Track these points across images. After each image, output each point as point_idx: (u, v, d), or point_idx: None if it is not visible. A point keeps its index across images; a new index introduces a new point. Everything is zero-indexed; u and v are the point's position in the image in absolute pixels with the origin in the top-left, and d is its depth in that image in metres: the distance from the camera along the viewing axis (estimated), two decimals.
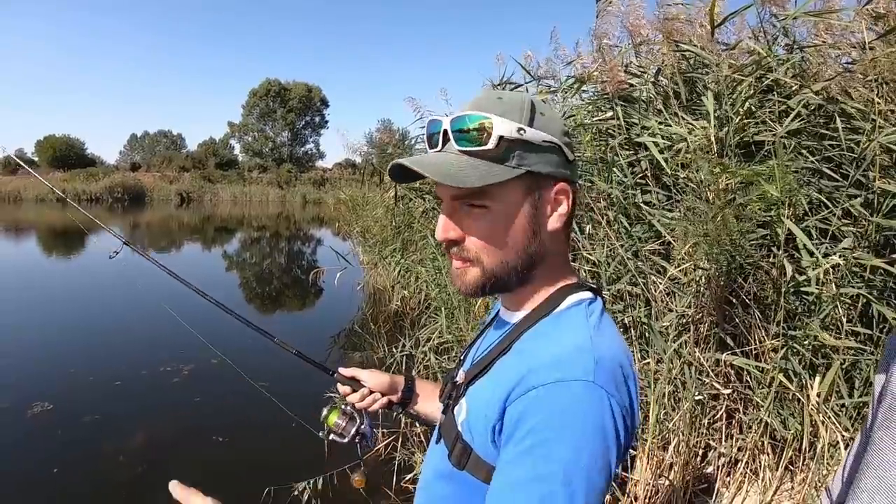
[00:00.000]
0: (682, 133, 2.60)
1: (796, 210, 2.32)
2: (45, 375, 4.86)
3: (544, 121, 0.74)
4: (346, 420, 1.17)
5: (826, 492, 0.95)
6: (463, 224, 0.75)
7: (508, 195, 0.73)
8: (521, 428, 0.64)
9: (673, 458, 2.49)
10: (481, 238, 0.74)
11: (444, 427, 0.83)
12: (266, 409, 4.28)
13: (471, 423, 0.76)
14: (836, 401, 2.27)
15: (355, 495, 2.98)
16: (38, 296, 8.00)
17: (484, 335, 0.94)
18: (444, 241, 0.76)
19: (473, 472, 0.74)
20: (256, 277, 10.97)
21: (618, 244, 2.75)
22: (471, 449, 0.75)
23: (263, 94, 52.10)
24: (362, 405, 1.16)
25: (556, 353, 0.69)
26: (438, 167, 0.71)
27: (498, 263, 0.74)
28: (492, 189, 0.71)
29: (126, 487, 3.20)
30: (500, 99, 0.74)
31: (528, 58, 3.83)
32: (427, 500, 0.85)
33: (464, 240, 0.75)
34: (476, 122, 0.71)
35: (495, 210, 0.73)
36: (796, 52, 2.77)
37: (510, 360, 0.76)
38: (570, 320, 0.76)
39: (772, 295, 2.39)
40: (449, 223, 0.75)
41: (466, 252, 0.75)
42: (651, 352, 2.56)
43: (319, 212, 26.58)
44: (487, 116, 0.71)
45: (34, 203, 30.93)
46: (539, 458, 0.62)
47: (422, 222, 5.85)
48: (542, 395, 0.64)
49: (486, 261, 0.74)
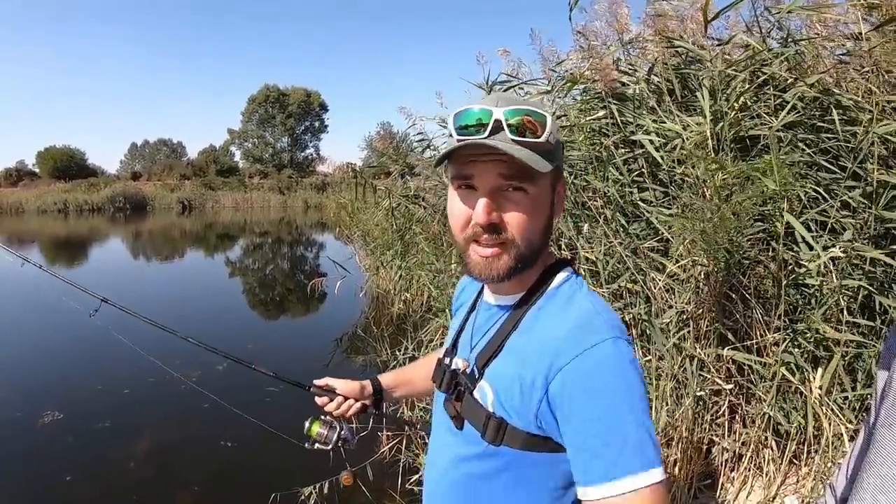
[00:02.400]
0: (677, 129, 2.60)
1: (794, 204, 2.32)
2: (54, 385, 4.89)
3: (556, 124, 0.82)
4: (328, 429, 1.26)
5: (829, 489, 0.95)
6: (503, 208, 0.79)
7: (543, 184, 0.81)
8: (578, 394, 0.73)
9: (676, 454, 2.48)
10: (521, 220, 0.79)
11: (467, 412, 0.87)
12: (273, 415, 4.31)
13: (503, 400, 0.81)
14: (838, 393, 2.27)
15: (361, 498, 2.99)
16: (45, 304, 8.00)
17: (471, 322, 0.98)
18: (485, 225, 0.78)
19: (510, 444, 0.80)
20: (259, 283, 10.98)
21: (616, 241, 2.75)
22: (506, 424, 0.80)
23: (262, 101, 52.20)
24: (339, 412, 1.25)
25: (576, 323, 0.78)
26: (518, 151, 0.75)
27: (528, 246, 0.80)
28: (537, 175, 0.78)
29: (136, 492, 3.22)
30: (524, 100, 0.81)
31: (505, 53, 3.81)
32: (454, 485, 0.90)
33: (502, 222, 0.79)
34: (535, 118, 0.77)
35: (533, 195, 0.79)
36: (791, 44, 2.77)
37: (524, 337, 0.84)
38: (565, 294, 0.85)
39: (772, 289, 2.39)
40: (491, 205, 0.78)
41: (503, 235, 0.79)
42: (652, 349, 2.56)
43: (321, 216, 26.59)
44: (542, 114, 0.78)
45: (37, 214, 31.01)
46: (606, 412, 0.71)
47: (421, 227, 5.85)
48: (587, 361, 0.73)
49: (521, 244, 0.80)
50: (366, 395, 1.26)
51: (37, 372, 5.24)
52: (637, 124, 2.83)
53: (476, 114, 0.78)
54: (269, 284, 10.83)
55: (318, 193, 38.03)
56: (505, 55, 3.75)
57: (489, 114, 0.77)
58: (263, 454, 3.67)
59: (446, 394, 0.93)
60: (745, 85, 2.63)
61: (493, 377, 0.84)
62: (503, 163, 0.76)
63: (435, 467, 0.97)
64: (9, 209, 32.25)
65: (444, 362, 0.99)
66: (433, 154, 5.75)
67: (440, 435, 0.97)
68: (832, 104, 2.47)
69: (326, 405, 1.26)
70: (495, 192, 0.78)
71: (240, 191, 40.37)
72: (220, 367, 5.06)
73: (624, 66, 3.27)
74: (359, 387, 1.26)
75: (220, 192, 39.85)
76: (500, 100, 0.79)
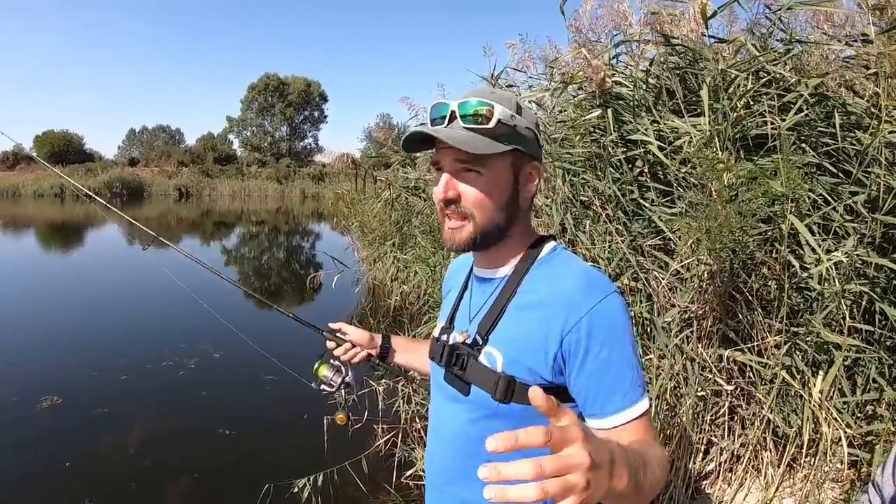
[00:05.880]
0: (685, 128, 2.58)
1: (800, 206, 2.30)
2: (52, 370, 4.88)
3: (526, 113, 0.95)
4: (334, 372, 1.35)
5: (875, 487, 0.91)
6: (460, 186, 0.92)
7: (498, 165, 0.92)
8: (595, 342, 0.86)
9: (675, 453, 2.48)
10: (476, 197, 0.91)
11: (473, 377, 0.95)
12: (270, 403, 4.32)
13: (514, 358, 0.91)
14: (838, 398, 2.26)
15: (355, 491, 2.99)
16: (43, 292, 8.02)
17: (466, 298, 1.08)
18: (444, 200, 0.92)
19: (519, 400, 0.89)
20: (255, 273, 10.96)
21: (618, 238, 2.74)
22: (516, 381, 0.89)
23: (262, 89, 51.76)
24: (346, 358, 1.34)
25: (582, 280, 0.91)
26: (452, 136, 0.88)
27: (488, 219, 0.92)
28: (488, 158, 0.89)
29: (135, 478, 3.23)
30: (493, 92, 0.94)
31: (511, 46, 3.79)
32: (461, 449, 0.98)
33: (460, 198, 0.92)
34: (483, 107, 0.89)
35: (487, 175, 0.91)
36: (794, 45, 2.74)
37: (528, 298, 0.94)
38: (561, 258, 0.98)
39: (775, 291, 2.38)
40: (450, 183, 0.92)
41: (462, 209, 0.92)
42: (654, 347, 2.55)
43: (318, 206, 26.52)
44: (490, 103, 0.89)
45: (33, 198, 30.86)
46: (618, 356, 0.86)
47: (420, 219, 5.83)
48: (597, 314, 0.86)
49: (478, 216, 0.92)
50: (374, 345, 1.35)
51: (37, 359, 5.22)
52: (634, 125, 2.80)
53: (440, 108, 0.93)
54: (265, 274, 10.81)
55: (316, 183, 37.95)
56: (512, 48, 3.72)
57: (447, 107, 0.92)
58: (259, 444, 3.69)
59: (446, 367, 1.01)
60: (748, 83, 2.60)
61: (500, 341, 0.94)
62: (454, 150, 0.89)
63: (440, 440, 1.05)
64: (5, 193, 32.09)
65: (442, 339, 1.06)
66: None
67: (442, 407, 1.04)
68: (836, 108, 2.45)
69: (335, 349, 1.35)
70: (454, 174, 0.92)
71: (237, 179, 40.19)
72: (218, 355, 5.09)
73: (620, 65, 3.24)
74: (368, 336, 1.34)
75: (218, 179, 39.66)
76: (469, 94, 0.92)
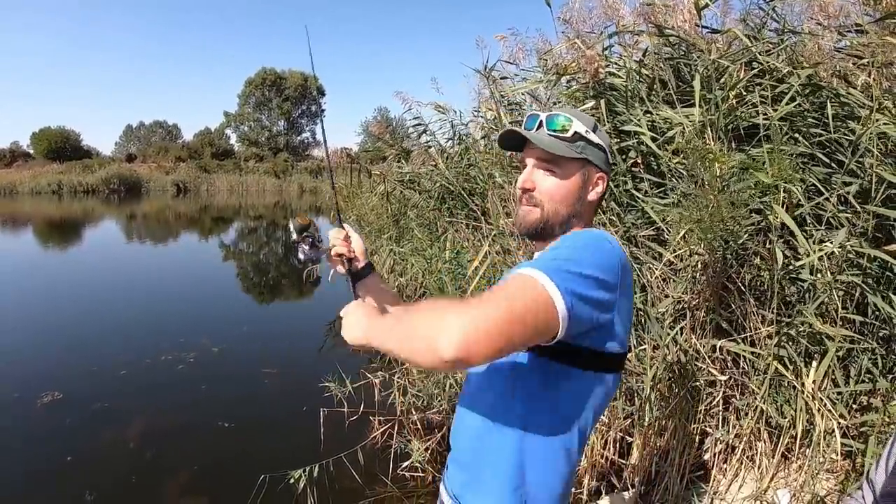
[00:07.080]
0: (677, 118, 2.57)
1: (791, 196, 2.29)
2: (52, 366, 4.89)
3: (601, 133, 1.16)
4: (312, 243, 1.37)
5: (868, 483, 0.92)
6: (537, 180, 1.13)
7: (570, 168, 1.12)
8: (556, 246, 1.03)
9: (670, 444, 2.49)
10: (547, 189, 1.12)
11: None
12: (268, 396, 4.34)
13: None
14: (832, 389, 2.26)
15: (352, 483, 2.99)
16: (42, 288, 8.03)
17: None
18: (522, 188, 1.14)
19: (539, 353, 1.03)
20: (253, 267, 10.97)
21: (612, 229, 2.73)
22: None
23: (259, 84, 51.60)
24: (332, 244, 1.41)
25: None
26: (537, 138, 1.10)
27: (553, 210, 1.12)
28: (562, 160, 1.11)
29: (135, 472, 3.25)
30: (575, 110, 1.16)
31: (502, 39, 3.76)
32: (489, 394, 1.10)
33: (534, 189, 1.13)
34: (565, 121, 1.11)
35: (560, 174, 1.12)
36: (788, 35, 2.73)
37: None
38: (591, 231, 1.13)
39: (767, 281, 2.37)
40: (530, 175, 1.14)
41: (535, 199, 1.12)
42: (647, 338, 2.55)
43: (316, 200, 26.49)
44: (571, 118, 1.12)
45: (30, 196, 30.79)
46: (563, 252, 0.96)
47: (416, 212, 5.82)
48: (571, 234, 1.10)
49: (546, 206, 1.12)
50: (358, 253, 1.44)
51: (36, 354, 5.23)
52: (628, 115, 2.79)
53: (532, 118, 1.16)
54: (263, 269, 10.81)
55: (313, 178, 37.90)
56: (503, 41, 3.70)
57: (538, 117, 1.14)
58: (257, 436, 3.71)
59: None
60: (740, 73, 2.59)
61: None
62: (539, 150, 1.11)
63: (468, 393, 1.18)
64: (2, 191, 32.01)
65: None
66: (429, 139, 5.86)
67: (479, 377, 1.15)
68: (829, 97, 2.44)
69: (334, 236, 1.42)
70: (534, 170, 1.14)
71: (235, 174, 40.16)
72: (216, 349, 5.10)
73: (614, 56, 3.23)
74: (361, 248, 1.45)
75: (216, 174, 39.65)
76: (557, 110, 1.14)
